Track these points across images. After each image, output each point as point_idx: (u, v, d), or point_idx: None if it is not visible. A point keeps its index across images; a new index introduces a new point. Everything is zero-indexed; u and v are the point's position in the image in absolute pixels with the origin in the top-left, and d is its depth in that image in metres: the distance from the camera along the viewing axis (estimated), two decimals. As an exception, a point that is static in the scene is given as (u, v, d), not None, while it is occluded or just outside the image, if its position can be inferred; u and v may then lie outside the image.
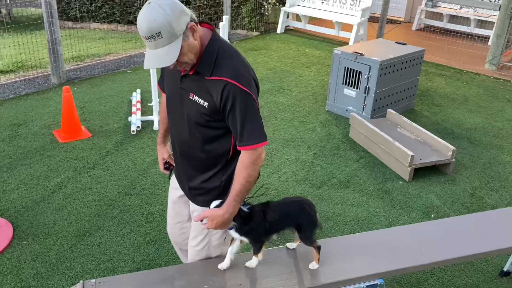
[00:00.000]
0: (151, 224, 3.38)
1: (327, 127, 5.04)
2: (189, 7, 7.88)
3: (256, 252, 2.11)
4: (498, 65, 7.14)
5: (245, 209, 2.01)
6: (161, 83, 2.20)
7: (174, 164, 2.33)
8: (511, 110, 5.70)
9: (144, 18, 1.71)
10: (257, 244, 2.09)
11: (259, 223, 2.03)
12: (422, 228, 2.68)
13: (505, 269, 3.07)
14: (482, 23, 8.73)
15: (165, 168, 2.39)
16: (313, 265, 2.18)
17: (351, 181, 4.05)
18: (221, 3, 8.19)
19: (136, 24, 2.48)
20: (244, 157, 1.91)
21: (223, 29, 4.30)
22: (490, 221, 2.78)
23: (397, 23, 9.65)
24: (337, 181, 4.04)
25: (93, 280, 2.04)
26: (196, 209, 2.15)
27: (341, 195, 3.84)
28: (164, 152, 2.36)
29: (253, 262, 2.15)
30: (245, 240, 2.07)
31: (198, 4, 8.37)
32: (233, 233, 2.04)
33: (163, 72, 2.12)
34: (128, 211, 3.52)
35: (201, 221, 2.00)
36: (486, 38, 8.44)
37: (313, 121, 5.18)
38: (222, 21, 4.36)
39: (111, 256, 3.06)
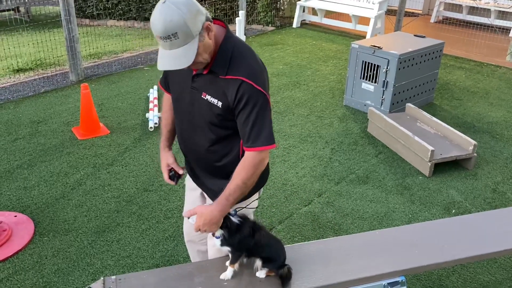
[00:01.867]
0: (170, 220, 3.40)
1: (344, 122, 4.99)
2: (205, 3, 7.83)
3: (233, 262, 1.99)
4: (520, 57, 6.98)
5: (235, 220, 1.91)
6: (163, 82, 2.13)
7: (179, 172, 2.17)
8: (534, 103, 5.56)
9: (160, 17, 1.64)
10: (236, 253, 1.97)
11: (246, 238, 1.92)
12: (443, 225, 2.63)
13: (529, 266, 3.00)
14: (503, 14, 8.54)
15: (170, 178, 2.15)
16: (261, 274, 2.04)
17: (370, 176, 4.00)
18: (236, -2, 8.16)
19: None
20: (247, 158, 1.84)
21: (239, 25, 4.27)
22: (513, 217, 2.72)
23: (415, 16, 9.49)
24: (355, 177, 4.00)
25: (113, 277, 2.05)
26: None
27: (360, 191, 3.80)
28: (168, 157, 2.17)
29: (228, 273, 2.01)
30: (227, 249, 1.97)
31: (213, 0, 8.36)
32: (217, 242, 1.95)
33: (168, 71, 2.03)
34: (146, 207, 3.54)
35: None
36: (507, 30, 8.26)
37: (330, 116, 5.14)
38: (238, 16, 4.33)
39: (130, 252, 3.08)
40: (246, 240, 1.92)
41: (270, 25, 8.59)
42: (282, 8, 8.83)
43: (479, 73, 6.52)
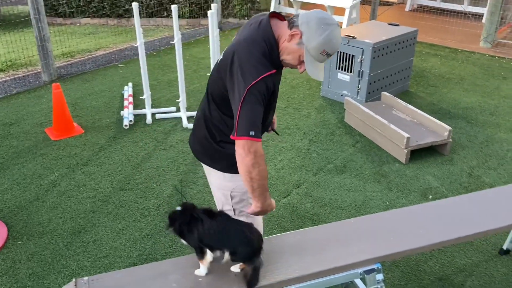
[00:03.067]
0: (147, 218, 3.35)
1: (322, 113, 4.99)
2: (178, -3, 7.53)
3: (198, 257, 1.94)
4: (493, 42, 7.07)
5: (178, 208, 1.92)
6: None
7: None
8: (507, 87, 5.64)
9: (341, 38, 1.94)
10: (196, 249, 1.93)
11: (189, 231, 1.88)
12: (419, 210, 2.64)
13: (504, 247, 3.04)
14: (475, 1, 8.64)
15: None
16: (235, 268, 1.97)
17: (348, 166, 4.01)
18: (211, -8, 8.07)
19: (126, 17, 2.34)
20: None
21: (212, 18, 4.22)
22: (488, 200, 2.74)
23: (390, 5, 9.54)
24: (333, 167, 4.00)
25: (85, 278, 2.01)
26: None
27: (337, 181, 3.80)
28: None
29: (201, 270, 1.97)
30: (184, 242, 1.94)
31: (188, -6, 8.27)
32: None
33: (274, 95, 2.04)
34: (123, 206, 3.48)
35: None
36: (480, 16, 8.35)
37: (308, 108, 5.13)
38: (211, 9, 4.28)
39: (107, 253, 3.03)
40: (191, 234, 1.86)
41: (246, 18, 8.53)
42: (257, 0, 8.78)
43: (454, 59, 6.58)
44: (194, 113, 4.83)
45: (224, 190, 2.19)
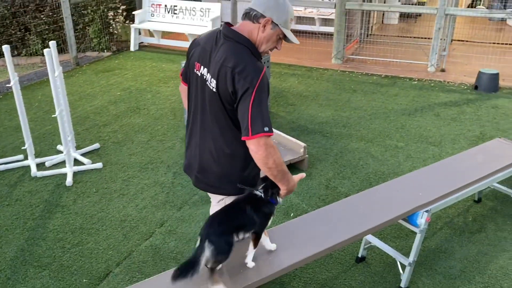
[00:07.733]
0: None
1: (186, 143, 4.90)
2: (30, 34, 7.08)
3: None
4: (343, 58, 7.67)
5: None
6: None
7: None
8: (356, 99, 6.11)
9: None
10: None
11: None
12: (274, 233, 2.65)
13: (359, 255, 3.19)
14: (325, 21, 9.34)
15: None
16: None
17: (212, 195, 3.95)
18: (63, 27, 7.61)
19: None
20: None
21: (49, 57, 3.92)
22: (340, 211, 2.86)
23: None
24: (198, 198, 3.91)
25: None
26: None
27: (202, 212, 3.72)
28: None
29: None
30: None
31: (38, 30, 7.71)
32: None
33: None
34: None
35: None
36: (331, 35, 9.02)
37: (172, 139, 5.01)
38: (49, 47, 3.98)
39: None
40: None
41: (105, 50, 8.20)
42: (115, 32, 8.51)
43: (310, 77, 6.99)
44: (45, 159, 4.43)
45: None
